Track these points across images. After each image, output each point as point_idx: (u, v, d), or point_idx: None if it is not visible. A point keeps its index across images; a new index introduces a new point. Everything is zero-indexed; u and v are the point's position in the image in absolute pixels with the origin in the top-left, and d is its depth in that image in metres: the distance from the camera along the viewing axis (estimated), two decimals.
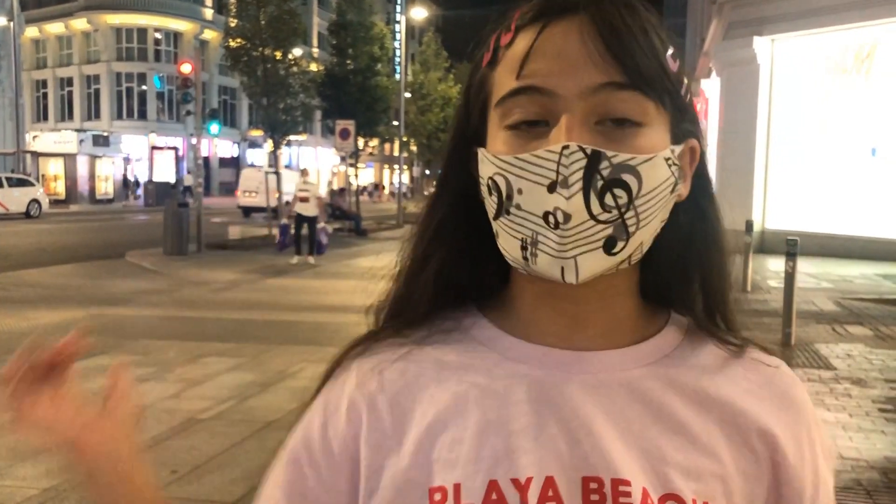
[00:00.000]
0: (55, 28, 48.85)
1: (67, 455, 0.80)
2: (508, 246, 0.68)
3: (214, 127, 21.24)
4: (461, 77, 44.29)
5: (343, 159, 28.38)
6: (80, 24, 47.59)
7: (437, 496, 0.68)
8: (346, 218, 23.17)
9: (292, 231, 14.99)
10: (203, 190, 17.76)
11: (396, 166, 36.07)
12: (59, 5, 48.01)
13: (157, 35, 47.78)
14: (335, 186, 30.89)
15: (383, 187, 62.22)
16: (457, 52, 48.72)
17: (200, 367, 6.66)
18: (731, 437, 0.71)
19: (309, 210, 14.38)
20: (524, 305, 0.74)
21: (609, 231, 0.64)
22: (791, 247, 7.61)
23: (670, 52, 0.69)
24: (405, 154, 35.35)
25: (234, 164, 53.80)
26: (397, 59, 44.08)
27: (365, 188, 54.32)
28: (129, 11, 46.76)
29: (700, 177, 0.75)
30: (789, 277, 7.53)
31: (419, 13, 44.71)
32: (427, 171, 44.19)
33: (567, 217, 0.63)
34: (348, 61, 27.57)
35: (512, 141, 0.67)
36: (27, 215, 27.32)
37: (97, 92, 47.81)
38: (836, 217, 15.65)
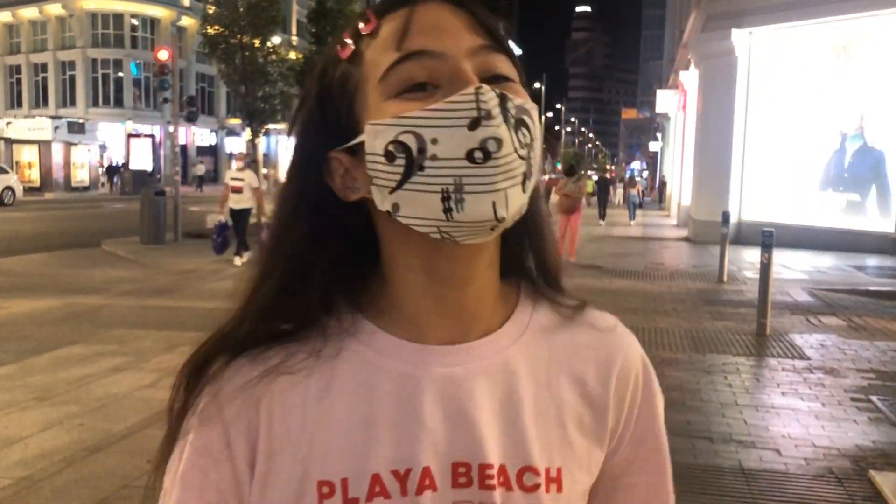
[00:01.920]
0: (29, 13, 48.10)
1: None
2: (423, 207, 0.67)
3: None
4: None
5: None
6: (54, 9, 46.87)
7: (325, 489, 0.71)
8: None
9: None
10: (180, 178, 17.58)
11: None
12: None
13: (134, 21, 47.17)
14: None
15: None
16: None
17: (177, 356, 6.59)
18: (581, 400, 0.78)
19: (242, 202, 12.30)
20: (402, 300, 0.75)
21: (524, 167, 0.67)
22: (766, 238, 7.68)
23: (510, 41, 0.75)
24: None
25: (212, 152, 53.39)
26: None
27: None
28: None
29: None
30: (765, 268, 7.61)
31: None
32: None
33: (499, 143, 0.64)
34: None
35: (408, 105, 0.67)
36: (1, 203, 26.98)
37: (72, 78, 47.15)
38: (812, 209, 15.83)
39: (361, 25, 0.72)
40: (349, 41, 0.73)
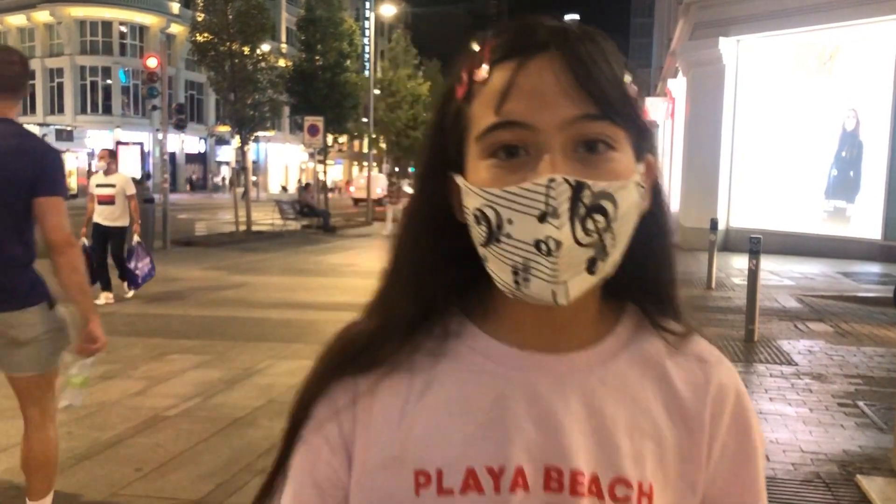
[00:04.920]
0: (17, 20, 47.91)
1: None
2: (499, 271, 0.72)
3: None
4: (430, 74, 44.29)
5: (311, 156, 28.24)
6: (42, 16, 46.70)
7: (422, 479, 0.75)
8: (313, 214, 23.04)
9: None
10: (169, 186, 17.54)
11: (365, 163, 35.94)
12: None
13: (123, 28, 47.07)
14: (303, 182, 30.73)
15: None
16: (426, 49, 48.73)
17: (166, 364, 6.59)
18: (674, 417, 0.79)
19: (114, 217, 9.31)
20: (505, 312, 0.79)
21: (591, 253, 0.69)
22: (754, 245, 7.72)
23: (628, 78, 0.74)
24: (374, 151, 35.27)
25: (201, 159, 53.24)
26: (366, 56, 43.97)
27: (336, 186, 54.06)
28: (93, 4, 46.01)
29: (655, 190, 0.81)
30: (752, 275, 7.64)
31: (388, 10, 44.56)
32: (396, 168, 44.10)
33: (558, 245, 0.67)
34: (317, 57, 27.44)
35: (495, 172, 0.71)
36: None
37: (60, 86, 46.97)
38: (799, 216, 15.92)
39: (475, 70, 0.74)
40: (465, 79, 0.75)
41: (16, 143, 2.97)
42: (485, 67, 0.73)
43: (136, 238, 9.43)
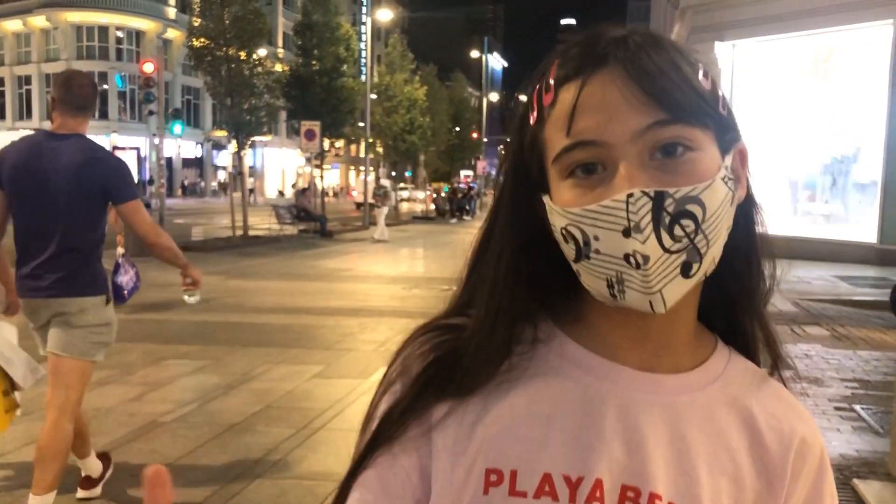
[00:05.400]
0: (13, 25, 47.91)
1: None
2: (594, 284, 0.72)
3: (178, 128, 20.99)
4: (427, 79, 44.28)
5: (308, 160, 28.25)
6: (38, 21, 46.71)
7: (493, 477, 0.73)
8: (310, 219, 23.03)
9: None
10: (166, 190, 17.51)
11: (362, 168, 35.95)
12: (18, 2, 47.11)
13: (119, 34, 47.09)
14: (300, 186, 30.69)
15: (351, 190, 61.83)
16: (423, 54, 48.77)
17: (163, 369, 6.58)
18: (756, 463, 0.77)
19: None
20: (595, 320, 0.78)
21: (683, 258, 0.68)
22: None
23: (701, 72, 0.73)
24: (371, 155, 35.26)
25: (198, 164, 53.22)
26: (363, 61, 43.94)
27: (333, 190, 53.97)
28: (90, 9, 46.04)
29: (747, 181, 0.80)
30: None
31: (385, 15, 44.69)
32: (393, 173, 44.09)
33: (646, 259, 0.67)
34: (314, 62, 27.45)
35: (575, 191, 0.71)
36: None
37: None
38: (795, 219, 15.95)
39: (544, 95, 0.74)
40: (535, 105, 0.75)
41: (88, 156, 3.46)
42: (552, 89, 0.73)
43: (119, 250, 8.45)
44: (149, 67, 17.37)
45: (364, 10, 58.35)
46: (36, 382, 3.73)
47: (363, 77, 36.50)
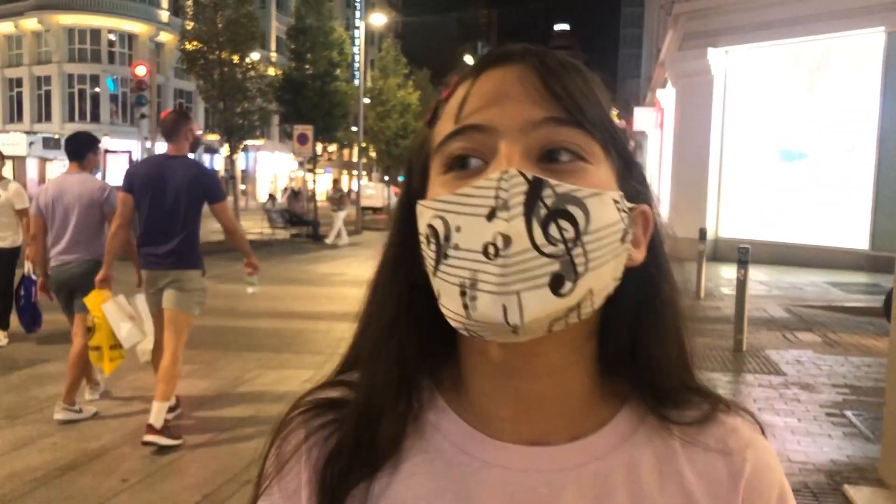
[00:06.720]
0: (4, 27, 47.72)
1: None
2: (449, 300, 0.61)
3: None
4: (420, 84, 44.37)
5: (301, 164, 28.24)
6: (30, 23, 46.53)
7: None
8: (302, 223, 23.00)
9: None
10: None
11: (355, 172, 35.94)
12: (9, 4, 46.90)
13: (111, 37, 46.92)
14: (293, 189, 30.65)
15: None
16: (416, 58, 48.81)
17: (152, 374, 6.53)
18: None
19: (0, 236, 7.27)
20: (475, 385, 0.68)
21: (555, 267, 0.58)
22: (743, 255, 7.75)
23: (615, 111, 0.67)
24: (364, 160, 35.27)
25: None
26: (356, 65, 43.98)
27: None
28: (82, 12, 45.89)
29: (654, 248, 0.70)
30: (741, 285, 7.66)
31: (378, 19, 44.69)
32: (386, 177, 44.09)
33: (507, 241, 0.57)
34: (307, 66, 27.44)
35: (449, 183, 0.63)
36: None
37: (48, 93, 46.74)
38: (788, 226, 15.99)
39: (442, 93, 0.68)
40: (433, 106, 0.69)
41: (193, 171, 4.87)
42: (452, 84, 0.67)
43: (28, 265, 6.61)
44: (141, 70, 17.32)
45: (358, 14, 58.44)
46: (131, 346, 5.12)
47: (356, 81, 36.50)
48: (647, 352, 0.69)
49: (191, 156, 5.06)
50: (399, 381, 0.68)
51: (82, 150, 5.56)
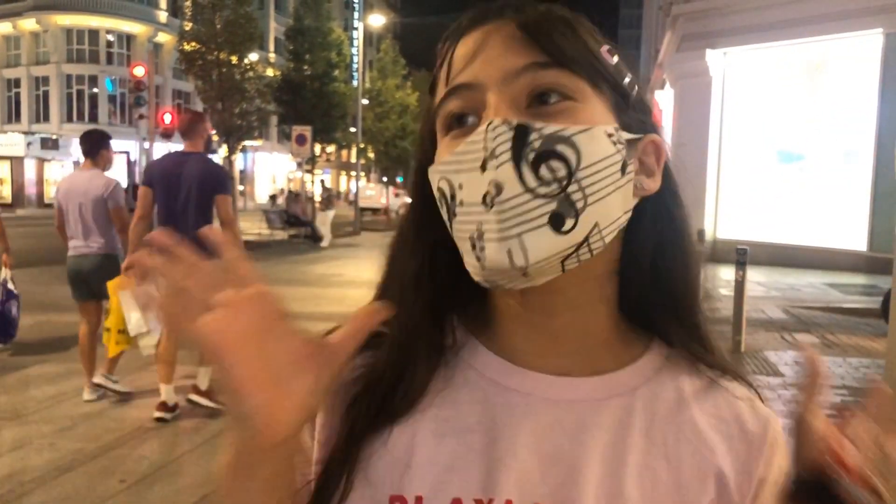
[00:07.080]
0: (2, 28, 47.67)
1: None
2: (466, 256, 0.64)
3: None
4: (419, 85, 44.33)
5: (299, 165, 28.24)
6: (28, 24, 46.49)
7: None
8: (300, 224, 22.98)
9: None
10: None
11: (353, 173, 35.94)
12: (7, 5, 46.86)
13: (110, 37, 46.89)
14: (291, 191, 30.65)
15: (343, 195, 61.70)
16: (415, 59, 48.81)
17: (150, 374, 6.53)
18: (693, 475, 0.68)
19: None
20: (503, 325, 0.72)
21: (553, 206, 0.60)
22: (741, 256, 7.75)
23: (605, 47, 0.68)
24: (362, 161, 35.26)
25: None
26: (355, 66, 43.98)
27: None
28: (80, 12, 45.85)
29: (666, 176, 0.73)
30: (739, 286, 7.67)
31: (377, 20, 44.68)
32: (384, 178, 44.11)
33: (499, 188, 0.59)
34: (305, 67, 27.47)
35: (450, 144, 0.66)
36: None
37: (46, 94, 46.70)
38: (786, 227, 16.01)
39: (439, 60, 0.70)
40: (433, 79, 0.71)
41: (204, 166, 5.25)
42: (443, 50, 0.69)
43: (5, 273, 6.70)
44: (139, 71, 17.31)
45: (356, 15, 58.46)
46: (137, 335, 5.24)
47: (355, 82, 36.54)
48: (669, 282, 0.72)
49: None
50: (432, 323, 0.71)
51: (95, 147, 5.99)
